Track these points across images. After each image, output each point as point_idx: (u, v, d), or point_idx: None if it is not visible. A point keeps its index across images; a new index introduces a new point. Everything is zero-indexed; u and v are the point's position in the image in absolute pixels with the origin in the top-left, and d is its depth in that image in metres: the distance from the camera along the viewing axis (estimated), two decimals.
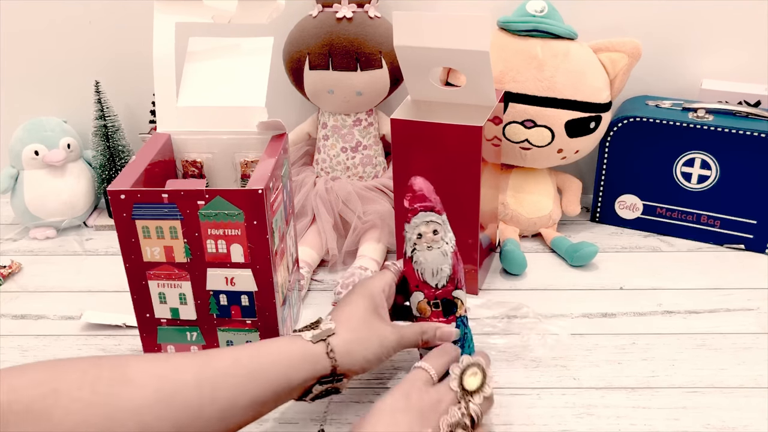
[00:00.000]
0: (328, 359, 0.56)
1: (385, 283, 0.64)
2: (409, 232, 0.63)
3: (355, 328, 0.59)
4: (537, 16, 0.87)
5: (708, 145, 0.88)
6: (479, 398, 0.56)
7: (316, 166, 0.96)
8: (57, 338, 0.77)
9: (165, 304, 0.66)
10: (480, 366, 0.58)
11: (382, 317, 0.61)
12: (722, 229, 0.92)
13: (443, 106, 0.80)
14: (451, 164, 0.75)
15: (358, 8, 0.87)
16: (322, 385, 0.57)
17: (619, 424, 0.64)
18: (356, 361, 0.58)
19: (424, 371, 0.57)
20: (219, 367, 0.52)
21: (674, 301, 0.81)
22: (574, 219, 1.00)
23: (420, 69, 0.77)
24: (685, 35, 0.96)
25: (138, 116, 1.06)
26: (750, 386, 0.68)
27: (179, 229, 0.62)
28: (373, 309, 0.61)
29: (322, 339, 0.57)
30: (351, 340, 0.58)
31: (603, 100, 0.88)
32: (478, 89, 0.77)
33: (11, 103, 1.05)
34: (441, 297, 0.64)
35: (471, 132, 0.73)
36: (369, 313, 0.60)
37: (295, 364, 0.55)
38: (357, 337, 0.58)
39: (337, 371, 0.57)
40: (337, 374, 0.57)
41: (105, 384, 0.46)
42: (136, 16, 0.95)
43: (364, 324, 0.59)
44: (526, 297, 0.81)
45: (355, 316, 0.60)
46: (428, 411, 0.54)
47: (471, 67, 0.74)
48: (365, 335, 0.59)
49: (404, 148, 0.77)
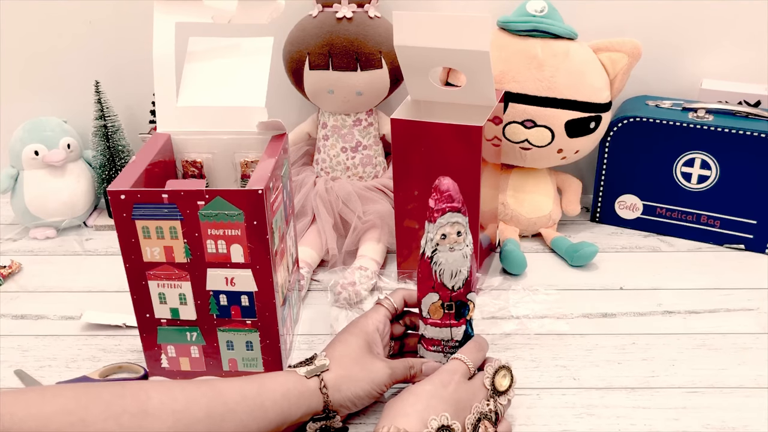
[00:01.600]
0: (320, 395, 0.58)
1: (378, 321, 0.65)
2: (432, 232, 0.61)
3: (347, 365, 0.60)
4: (537, 16, 0.87)
5: (708, 145, 0.88)
6: (505, 399, 0.60)
7: (316, 166, 0.96)
8: (57, 338, 0.77)
9: (165, 304, 0.66)
10: (509, 369, 0.61)
11: (375, 354, 0.63)
12: (722, 229, 0.92)
13: (443, 106, 0.80)
14: (451, 164, 0.75)
15: (358, 8, 0.87)
16: (315, 422, 0.59)
17: (619, 424, 0.64)
18: (346, 397, 0.59)
19: (463, 364, 0.60)
20: (228, 402, 0.54)
21: (674, 301, 0.81)
22: (574, 219, 1.00)
23: (420, 69, 0.77)
24: (685, 35, 0.96)
25: (138, 116, 1.06)
26: (750, 386, 0.68)
27: (179, 229, 0.62)
28: (366, 347, 0.62)
29: (316, 375, 0.59)
30: (342, 375, 0.60)
31: (603, 100, 0.88)
32: (478, 89, 0.77)
33: (11, 103, 1.05)
34: (456, 299, 0.63)
35: (471, 132, 0.73)
36: (362, 351, 0.62)
37: (293, 401, 0.57)
38: (348, 374, 0.60)
39: (329, 407, 0.59)
40: (330, 411, 0.59)
41: (128, 418, 0.50)
42: (136, 16, 0.95)
43: (355, 362, 0.61)
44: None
45: (348, 354, 0.61)
46: (463, 403, 0.57)
47: (471, 67, 0.74)
48: (356, 372, 0.60)
49: (404, 148, 0.77)
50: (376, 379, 0.61)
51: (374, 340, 0.64)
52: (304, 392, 0.58)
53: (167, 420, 0.51)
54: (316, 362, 0.60)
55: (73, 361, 0.73)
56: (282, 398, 0.57)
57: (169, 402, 0.52)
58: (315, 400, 0.58)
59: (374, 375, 0.61)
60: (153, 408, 0.51)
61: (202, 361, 0.68)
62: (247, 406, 0.55)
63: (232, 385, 0.56)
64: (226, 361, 0.68)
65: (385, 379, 0.61)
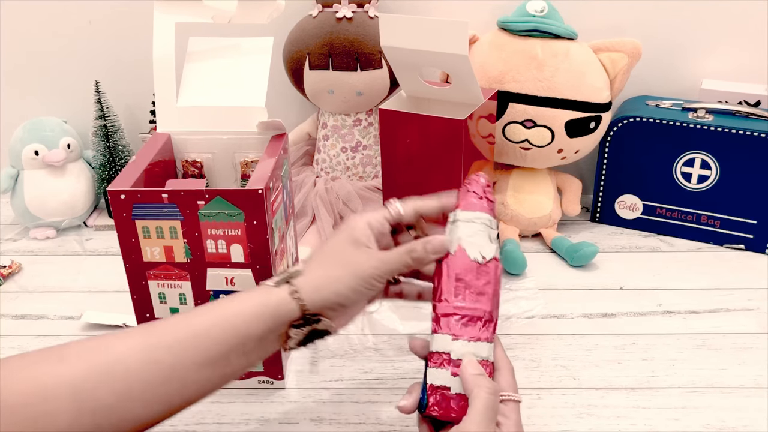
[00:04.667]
0: (293, 301, 0.51)
1: (373, 218, 0.55)
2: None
3: (326, 263, 0.53)
4: (537, 16, 0.87)
5: (708, 145, 0.88)
6: None
7: (316, 166, 0.96)
8: (57, 338, 0.77)
9: (165, 304, 0.66)
10: None
11: (361, 246, 0.53)
12: (722, 229, 0.92)
13: (434, 103, 0.82)
14: (434, 155, 0.77)
15: (358, 8, 0.87)
16: (299, 328, 0.52)
17: (619, 424, 0.64)
18: (326, 297, 0.52)
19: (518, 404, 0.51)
20: (162, 334, 0.49)
21: (674, 301, 0.81)
22: (574, 219, 1.00)
23: (408, 68, 0.79)
24: (685, 35, 0.96)
25: (138, 116, 1.06)
26: (750, 386, 0.68)
27: (179, 229, 0.62)
28: (351, 241, 0.54)
29: (286, 281, 0.52)
30: (318, 276, 0.52)
31: (603, 100, 0.88)
32: (463, 88, 0.78)
33: (11, 103, 1.05)
34: None
35: (453, 125, 0.75)
36: (345, 245, 0.54)
37: (249, 318, 0.50)
38: (325, 273, 0.52)
39: (308, 312, 0.52)
40: (312, 315, 0.52)
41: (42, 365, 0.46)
42: (136, 16, 0.95)
43: (336, 257, 0.53)
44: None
45: (329, 251, 0.54)
46: None
47: (453, 68, 0.75)
48: (336, 268, 0.52)
49: (391, 137, 0.79)
50: (360, 270, 0.52)
51: (362, 234, 0.54)
52: (270, 304, 0.51)
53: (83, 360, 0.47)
54: (290, 270, 0.53)
55: None
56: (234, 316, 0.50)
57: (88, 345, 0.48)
58: (286, 308, 0.51)
59: (358, 266, 0.52)
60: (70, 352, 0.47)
61: None
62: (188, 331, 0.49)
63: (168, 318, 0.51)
64: None
65: (373, 271, 0.52)
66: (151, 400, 0.48)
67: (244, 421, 0.65)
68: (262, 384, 0.69)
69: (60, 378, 0.45)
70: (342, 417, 0.65)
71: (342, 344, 0.75)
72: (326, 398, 0.68)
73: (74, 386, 0.45)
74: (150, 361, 0.47)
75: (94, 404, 0.45)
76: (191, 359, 0.49)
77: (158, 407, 0.48)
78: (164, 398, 0.48)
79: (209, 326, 0.50)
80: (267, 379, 0.69)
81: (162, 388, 0.48)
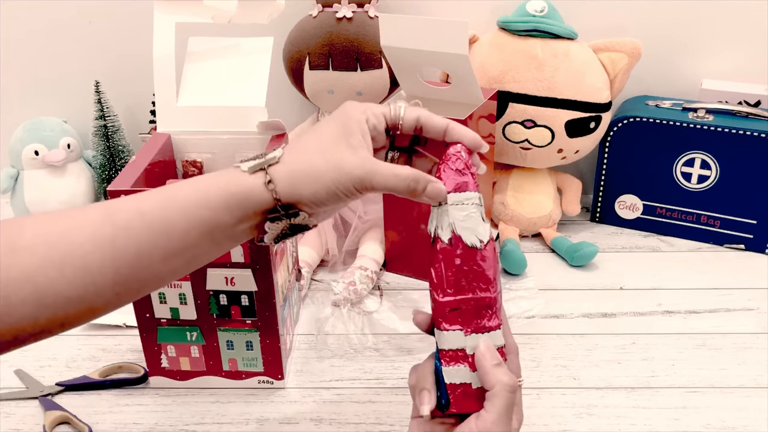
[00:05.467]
0: (267, 192, 0.46)
1: (371, 112, 0.49)
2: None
3: (307, 156, 0.47)
4: (537, 16, 0.87)
5: (708, 145, 0.88)
6: None
7: None
8: (57, 338, 0.76)
9: (165, 304, 0.66)
10: None
11: (351, 145, 0.47)
12: (722, 229, 0.92)
13: (434, 103, 0.81)
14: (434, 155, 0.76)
15: (358, 8, 0.87)
16: (275, 222, 0.48)
17: (619, 424, 0.64)
18: (302, 194, 0.47)
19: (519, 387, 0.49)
20: (118, 222, 0.45)
21: (674, 301, 0.81)
22: (574, 219, 1.00)
23: (408, 68, 0.79)
24: (685, 35, 0.96)
25: (138, 116, 1.06)
26: (750, 386, 0.68)
27: None
28: (344, 131, 0.48)
29: (262, 168, 0.47)
30: (297, 169, 0.47)
31: (603, 100, 0.88)
32: (463, 88, 0.78)
33: (11, 103, 1.05)
34: None
35: None
36: (333, 139, 0.48)
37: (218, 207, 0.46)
38: (305, 167, 0.47)
39: (282, 203, 0.47)
40: (288, 208, 0.47)
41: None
42: (136, 16, 0.95)
43: (320, 151, 0.47)
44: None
45: (313, 142, 0.48)
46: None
47: (453, 68, 0.75)
48: (320, 162, 0.47)
49: None
50: (343, 173, 0.46)
51: (359, 130, 0.48)
52: (240, 192, 0.46)
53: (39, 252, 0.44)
54: (268, 155, 0.48)
55: (73, 361, 0.73)
56: (196, 206, 0.46)
57: (44, 233, 0.44)
58: (258, 197, 0.46)
59: (343, 168, 0.47)
60: (25, 242, 0.44)
61: (202, 360, 0.68)
62: (145, 223, 0.45)
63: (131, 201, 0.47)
64: (226, 361, 0.68)
65: (357, 179, 0.47)
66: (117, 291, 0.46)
67: (244, 421, 0.65)
68: (262, 384, 0.69)
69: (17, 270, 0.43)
70: (342, 417, 0.65)
71: (342, 344, 0.75)
72: (326, 398, 0.68)
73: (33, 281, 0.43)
74: (114, 257, 0.45)
75: (55, 298, 0.44)
76: (158, 253, 0.46)
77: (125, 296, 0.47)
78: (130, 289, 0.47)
79: (174, 219, 0.46)
80: (267, 379, 0.69)
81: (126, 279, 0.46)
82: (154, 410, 0.67)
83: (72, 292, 0.45)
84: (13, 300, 0.43)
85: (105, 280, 0.45)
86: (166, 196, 0.47)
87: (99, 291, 0.45)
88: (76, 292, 0.45)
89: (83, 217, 0.46)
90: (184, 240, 0.46)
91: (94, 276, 0.45)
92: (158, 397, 0.68)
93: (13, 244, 0.44)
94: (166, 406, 0.67)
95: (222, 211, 0.46)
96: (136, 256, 0.46)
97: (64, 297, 0.44)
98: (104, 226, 0.45)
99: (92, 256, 0.45)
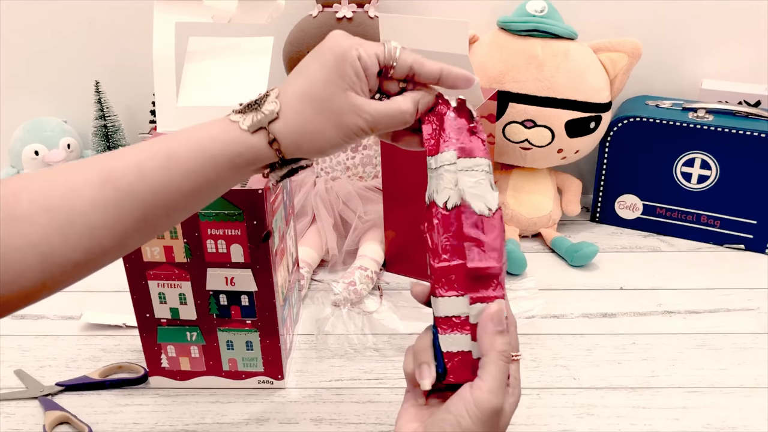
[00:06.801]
0: (272, 151, 0.46)
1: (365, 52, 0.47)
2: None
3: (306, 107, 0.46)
4: (537, 16, 0.87)
5: (708, 145, 0.88)
6: None
7: (316, 166, 0.96)
8: (57, 338, 0.77)
9: (165, 304, 0.66)
10: None
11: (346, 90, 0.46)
12: (722, 229, 0.92)
13: None
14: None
15: (358, 8, 0.87)
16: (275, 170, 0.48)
17: (619, 424, 0.64)
18: (306, 150, 0.47)
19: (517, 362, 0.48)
20: (120, 186, 0.44)
21: (674, 301, 0.81)
22: (574, 219, 1.00)
23: None
24: (685, 35, 0.96)
25: (138, 116, 1.06)
26: (750, 386, 0.68)
27: (179, 229, 0.62)
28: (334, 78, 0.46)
29: (263, 127, 0.46)
30: (298, 126, 0.46)
31: (603, 100, 0.88)
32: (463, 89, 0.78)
33: (11, 103, 1.05)
34: None
35: None
36: (326, 84, 0.46)
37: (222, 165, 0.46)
38: (307, 125, 0.46)
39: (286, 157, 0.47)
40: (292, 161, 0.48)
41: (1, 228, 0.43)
42: (136, 16, 0.95)
43: (316, 100, 0.46)
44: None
45: (308, 89, 0.46)
46: None
47: None
48: (318, 117, 0.46)
49: None
50: (344, 124, 0.46)
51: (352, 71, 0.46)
52: (243, 153, 0.46)
53: (40, 220, 0.43)
54: (264, 107, 0.46)
55: (73, 361, 0.73)
56: (203, 168, 0.45)
57: (41, 200, 0.43)
58: (262, 156, 0.47)
59: (342, 119, 0.46)
60: (23, 210, 0.43)
61: (202, 360, 0.68)
62: (148, 185, 0.45)
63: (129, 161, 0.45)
64: (226, 361, 0.68)
65: (358, 128, 0.47)
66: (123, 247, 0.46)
67: (244, 421, 0.65)
68: (262, 384, 0.69)
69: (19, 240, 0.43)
70: (342, 417, 0.65)
71: (342, 344, 0.75)
72: (326, 398, 0.68)
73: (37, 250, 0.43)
74: (119, 220, 0.45)
75: (62, 263, 0.44)
76: (161, 211, 0.46)
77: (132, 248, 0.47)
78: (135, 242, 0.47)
79: (178, 181, 0.45)
80: (267, 379, 0.69)
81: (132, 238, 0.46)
82: (154, 410, 0.67)
83: (78, 255, 0.44)
84: (18, 268, 0.43)
85: (111, 243, 0.45)
86: (167, 156, 0.46)
87: (106, 252, 0.45)
88: (83, 256, 0.44)
89: (81, 179, 0.45)
90: (189, 198, 0.46)
91: (100, 240, 0.45)
92: (158, 397, 0.68)
93: (12, 213, 0.43)
94: (166, 406, 0.67)
95: (227, 171, 0.46)
96: (142, 217, 0.45)
97: (71, 261, 0.44)
98: (105, 190, 0.44)
99: (96, 222, 0.44)
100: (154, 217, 0.46)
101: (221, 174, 0.47)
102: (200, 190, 0.47)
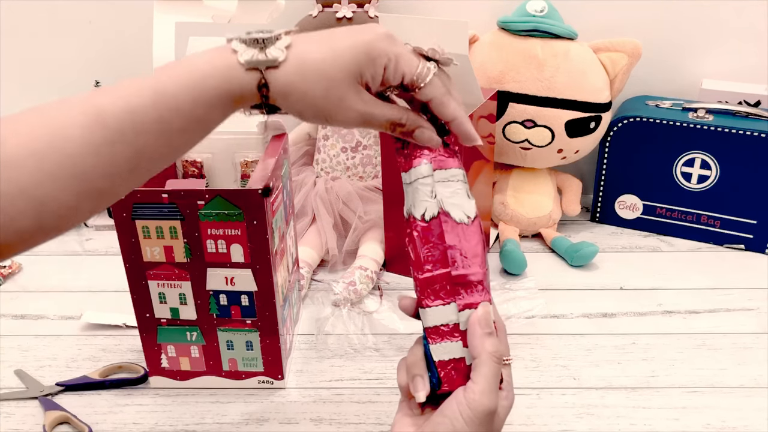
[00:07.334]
0: (258, 94, 0.45)
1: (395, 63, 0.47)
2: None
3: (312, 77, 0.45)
4: (537, 16, 0.87)
5: (708, 145, 0.88)
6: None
7: (316, 166, 0.96)
8: (57, 338, 0.77)
9: (165, 304, 0.66)
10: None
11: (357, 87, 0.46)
12: (722, 229, 0.92)
13: None
14: None
15: (358, 8, 0.87)
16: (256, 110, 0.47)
17: (619, 424, 0.64)
18: (290, 108, 0.47)
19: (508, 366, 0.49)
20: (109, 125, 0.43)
21: (674, 301, 0.81)
22: (574, 219, 1.00)
23: None
24: (685, 35, 0.96)
25: None
26: (750, 386, 0.68)
27: (179, 229, 0.62)
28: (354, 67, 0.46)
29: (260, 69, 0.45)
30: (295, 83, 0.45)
31: (603, 100, 0.88)
32: (464, 89, 0.78)
33: (11, 103, 1.05)
34: None
35: None
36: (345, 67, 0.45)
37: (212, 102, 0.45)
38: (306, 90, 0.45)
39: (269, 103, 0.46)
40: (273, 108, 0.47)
41: None
42: (136, 16, 0.95)
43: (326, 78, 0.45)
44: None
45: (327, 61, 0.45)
46: None
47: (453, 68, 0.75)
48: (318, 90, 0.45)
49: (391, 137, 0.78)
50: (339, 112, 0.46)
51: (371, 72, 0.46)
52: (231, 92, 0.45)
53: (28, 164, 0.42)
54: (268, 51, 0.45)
55: (73, 361, 0.73)
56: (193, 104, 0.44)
57: (28, 142, 0.42)
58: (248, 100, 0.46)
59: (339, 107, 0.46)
60: (8, 154, 0.41)
61: (202, 361, 0.68)
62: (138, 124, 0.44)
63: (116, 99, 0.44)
64: (226, 361, 0.68)
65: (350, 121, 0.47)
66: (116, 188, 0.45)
67: (244, 421, 0.65)
68: (262, 384, 0.69)
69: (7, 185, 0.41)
70: (342, 417, 0.65)
71: (342, 344, 0.75)
72: (326, 398, 0.68)
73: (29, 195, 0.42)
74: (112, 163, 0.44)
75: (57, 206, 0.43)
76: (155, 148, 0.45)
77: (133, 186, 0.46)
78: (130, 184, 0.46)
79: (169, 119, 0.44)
80: (267, 379, 0.69)
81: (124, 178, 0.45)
82: (154, 410, 0.67)
83: (73, 199, 0.43)
84: (10, 212, 0.41)
85: (104, 184, 0.44)
86: (156, 91, 0.44)
87: (102, 193, 0.44)
88: (77, 199, 0.43)
89: (68, 118, 0.44)
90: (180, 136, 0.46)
91: (93, 182, 0.44)
92: (158, 397, 0.68)
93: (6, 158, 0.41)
94: (166, 406, 0.67)
95: (216, 108, 0.45)
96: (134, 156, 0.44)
97: (66, 205, 0.43)
98: (95, 131, 0.43)
99: (88, 165, 0.43)
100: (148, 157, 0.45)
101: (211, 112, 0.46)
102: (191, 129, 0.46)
